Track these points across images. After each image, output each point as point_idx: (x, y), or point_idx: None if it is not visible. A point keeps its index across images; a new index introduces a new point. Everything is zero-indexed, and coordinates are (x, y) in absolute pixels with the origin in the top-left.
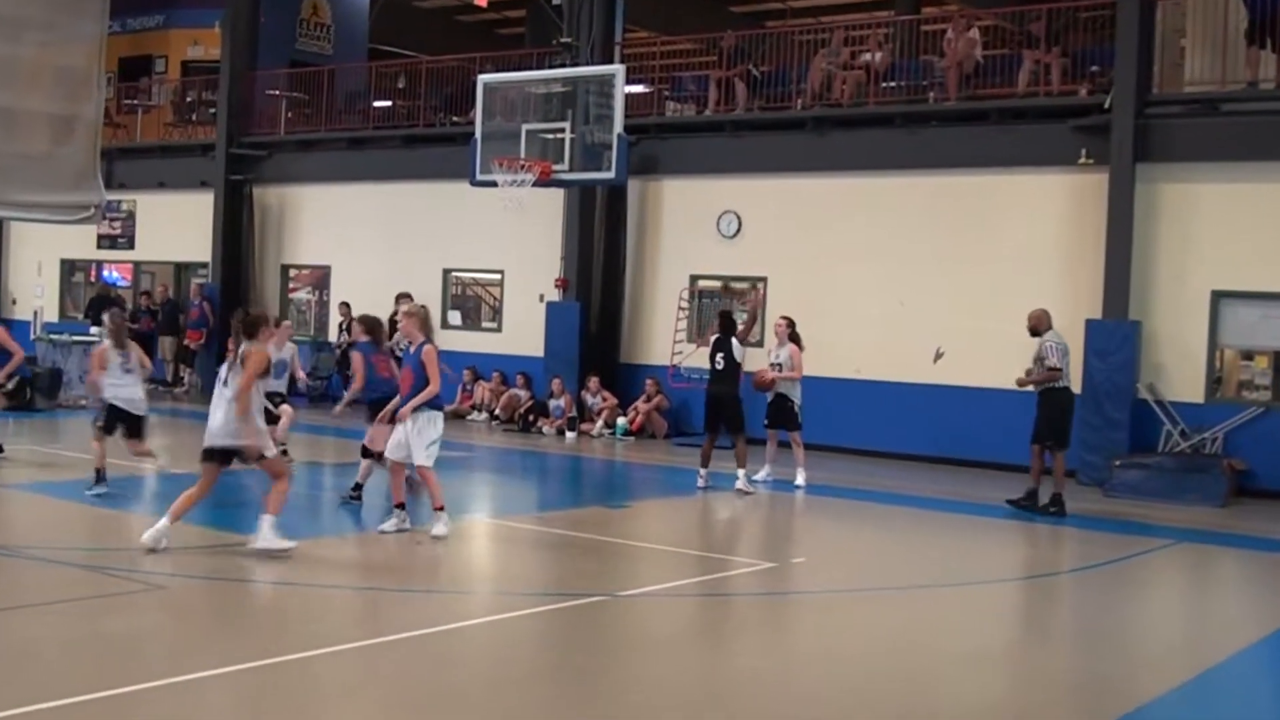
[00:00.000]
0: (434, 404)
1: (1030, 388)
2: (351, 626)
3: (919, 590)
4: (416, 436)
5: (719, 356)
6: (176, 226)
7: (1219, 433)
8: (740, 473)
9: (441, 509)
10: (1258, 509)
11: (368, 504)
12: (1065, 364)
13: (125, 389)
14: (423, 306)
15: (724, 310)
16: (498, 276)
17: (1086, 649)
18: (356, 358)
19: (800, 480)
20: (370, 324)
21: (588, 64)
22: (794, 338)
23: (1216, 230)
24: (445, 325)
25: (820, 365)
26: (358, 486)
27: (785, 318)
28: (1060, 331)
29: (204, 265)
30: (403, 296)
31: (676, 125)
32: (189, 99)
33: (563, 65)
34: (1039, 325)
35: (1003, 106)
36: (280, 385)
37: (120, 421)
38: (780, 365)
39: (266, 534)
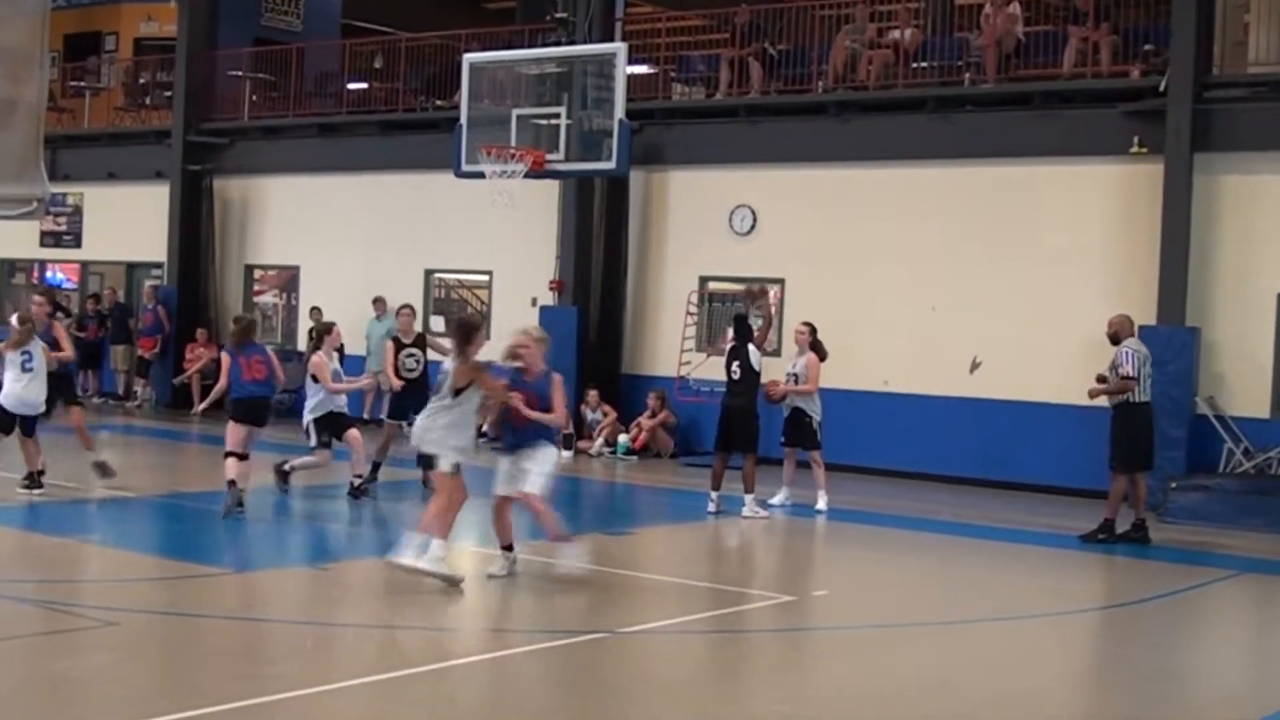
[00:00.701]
0: (551, 436)
1: (1103, 400)
2: (322, 667)
3: (953, 627)
4: (537, 466)
5: (735, 366)
6: (128, 222)
7: None
8: (747, 498)
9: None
10: None
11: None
12: (1143, 374)
13: (22, 389)
14: (547, 334)
15: (740, 314)
16: (485, 278)
17: (1136, 691)
18: (225, 359)
19: (821, 504)
20: (244, 326)
21: (585, 42)
22: (815, 346)
23: None
24: (427, 332)
25: (844, 377)
26: (232, 482)
27: (807, 324)
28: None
29: (158, 266)
30: (404, 309)
31: (684, 110)
32: (142, 80)
33: (557, 43)
34: (1120, 331)
35: (1046, 89)
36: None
37: (18, 421)
38: (796, 376)
39: (424, 551)
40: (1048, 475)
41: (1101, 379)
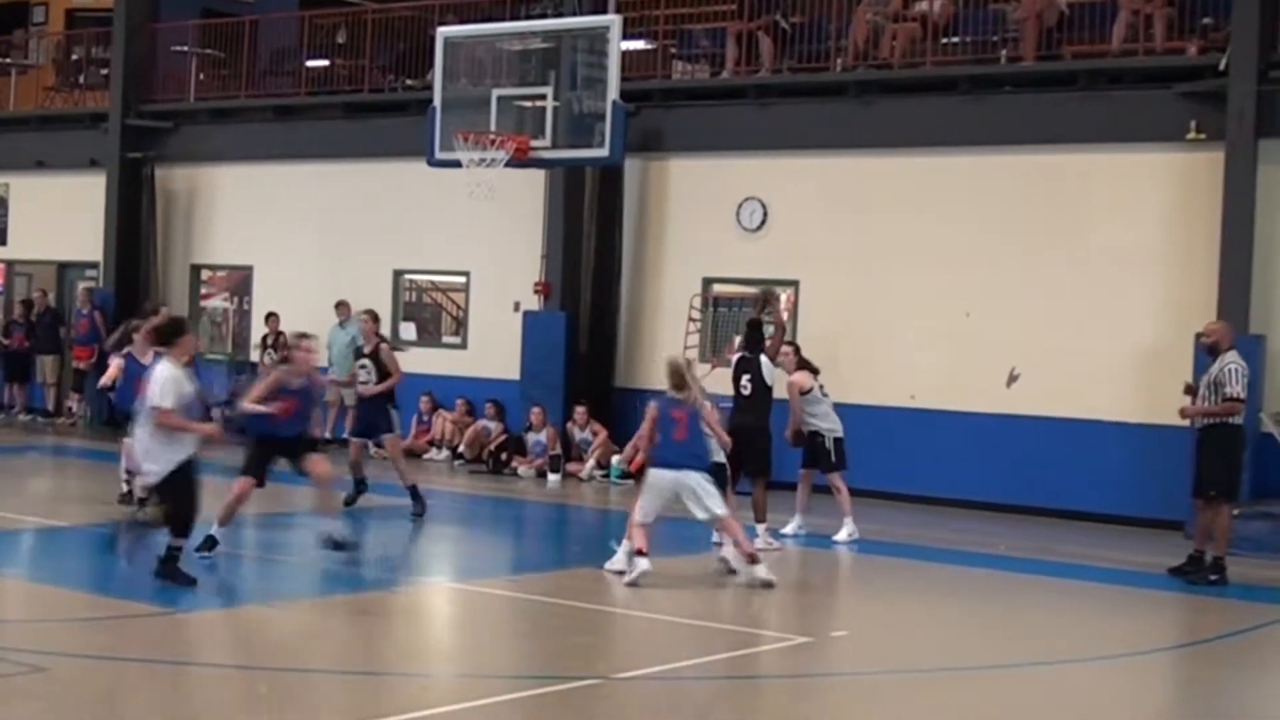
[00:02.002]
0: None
1: (1197, 421)
2: (278, 719)
3: (989, 671)
4: (703, 489)
5: (745, 379)
6: (59, 217)
7: None
8: (759, 528)
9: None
10: None
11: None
12: (1248, 395)
13: None
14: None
15: (752, 319)
16: (462, 280)
17: None
18: (117, 364)
19: (843, 534)
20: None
21: (575, 14)
22: (803, 365)
23: None
24: (396, 340)
25: (866, 391)
26: (128, 494)
27: (790, 343)
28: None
29: (93, 266)
30: (365, 314)
31: (686, 90)
32: (75, 57)
33: (543, 15)
34: (1220, 342)
35: (1093, 68)
36: None
37: None
38: None
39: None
40: (1095, 501)
41: (1190, 389)
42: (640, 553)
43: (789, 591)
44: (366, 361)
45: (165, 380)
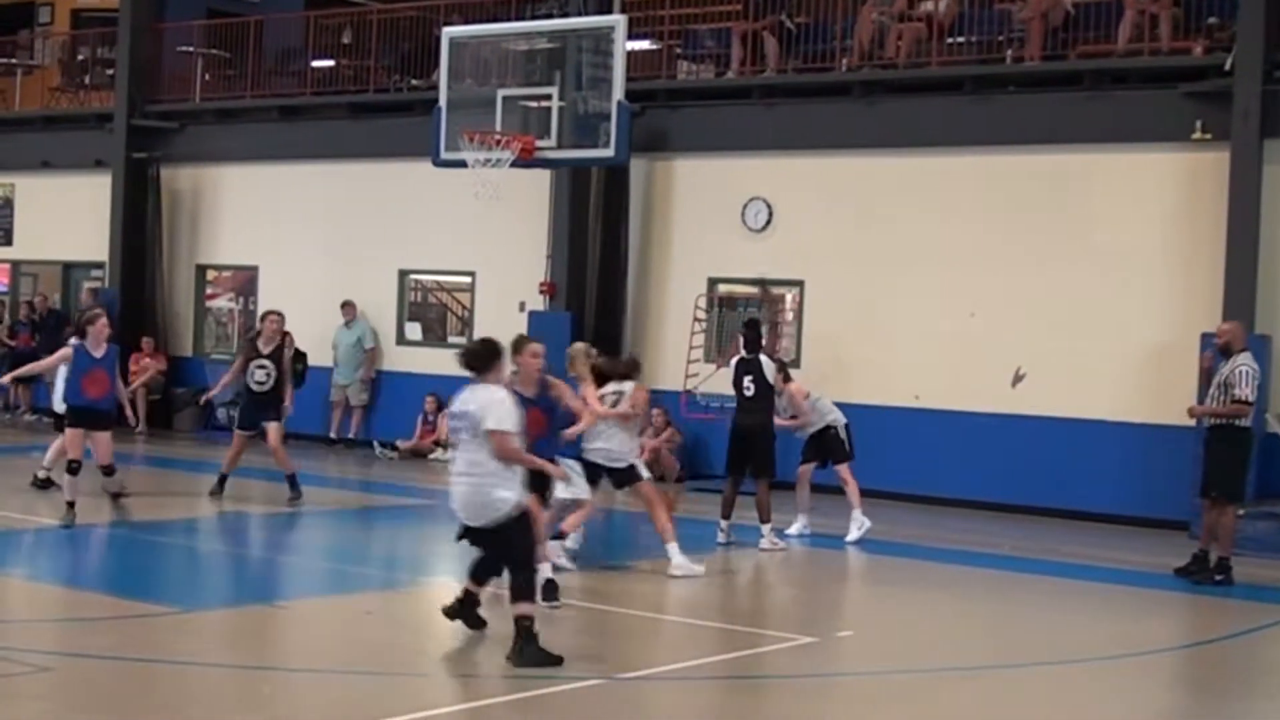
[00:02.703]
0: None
1: (1205, 421)
2: (283, 719)
3: (994, 671)
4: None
5: (747, 380)
6: (64, 218)
7: None
8: (764, 528)
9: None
10: None
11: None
12: (1257, 397)
13: None
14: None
15: (751, 319)
16: (468, 280)
17: None
18: (65, 354)
19: (856, 528)
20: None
21: (580, 14)
22: (782, 369)
23: None
24: (401, 341)
25: (871, 391)
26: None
27: (774, 358)
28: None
29: (99, 266)
30: (271, 315)
31: (691, 91)
32: (80, 57)
33: (549, 15)
34: (1233, 343)
35: (1098, 68)
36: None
37: None
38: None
39: (678, 560)
40: (1099, 502)
41: (1207, 368)
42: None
43: (794, 592)
44: (266, 362)
45: (502, 404)
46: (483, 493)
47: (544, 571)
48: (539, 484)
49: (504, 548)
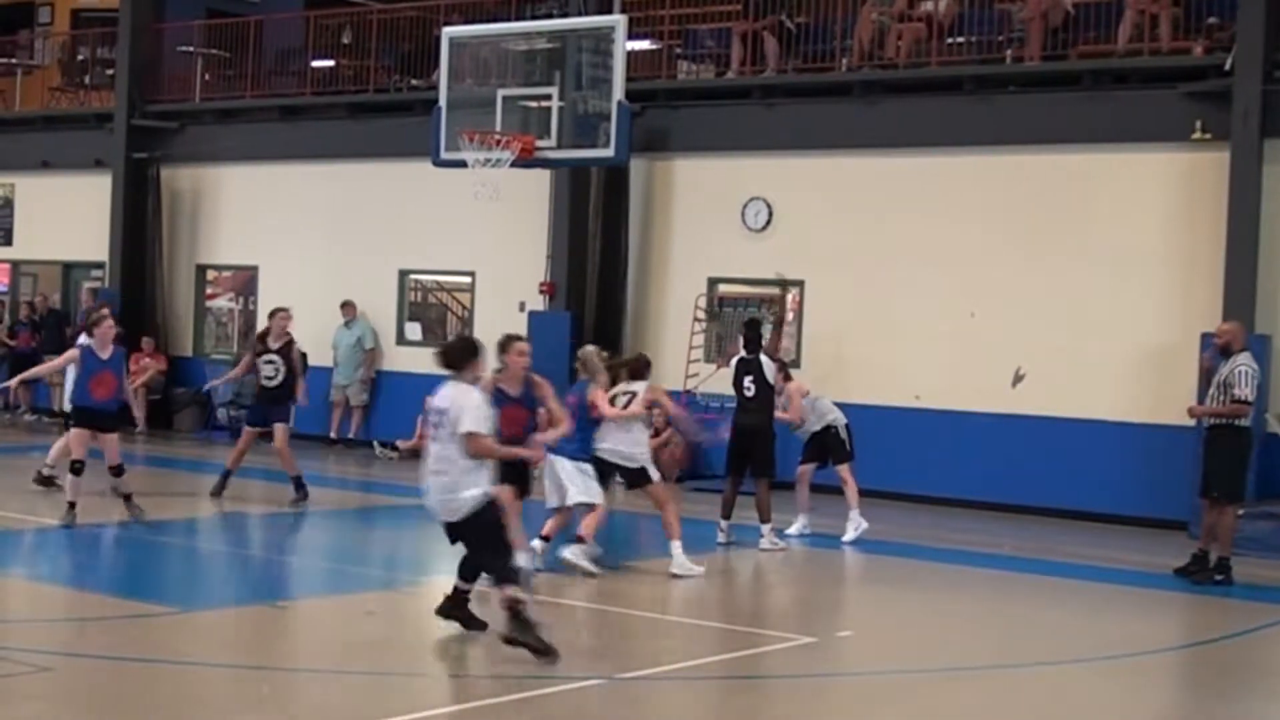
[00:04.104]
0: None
1: (1205, 420)
2: None
3: (994, 671)
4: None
5: (748, 380)
6: (64, 217)
7: None
8: (764, 528)
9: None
10: None
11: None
12: (1256, 398)
13: None
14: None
15: (752, 318)
16: (467, 280)
17: None
18: (73, 354)
19: (850, 534)
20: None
21: (580, 14)
22: (782, 368)
23: None
24: (401, 341)
25: (871, 391)
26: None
27: (775, 359)
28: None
29: (99, 266)
30: (280, 312)
31: (691, 91)
32: (80, 57)
33: (549, 15)
34: (1232, 343)
35: (1098, 68)
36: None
37: None
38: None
39: (679, 559)
40: (1099, 502)
41: (1208, 368)
42: (546, 538)
43: (794, 592)
44: (275, 358)
45: (478, 407)
46: (451, 490)
47: (518, 560)
48: (515, 476)
49: (476, 537)
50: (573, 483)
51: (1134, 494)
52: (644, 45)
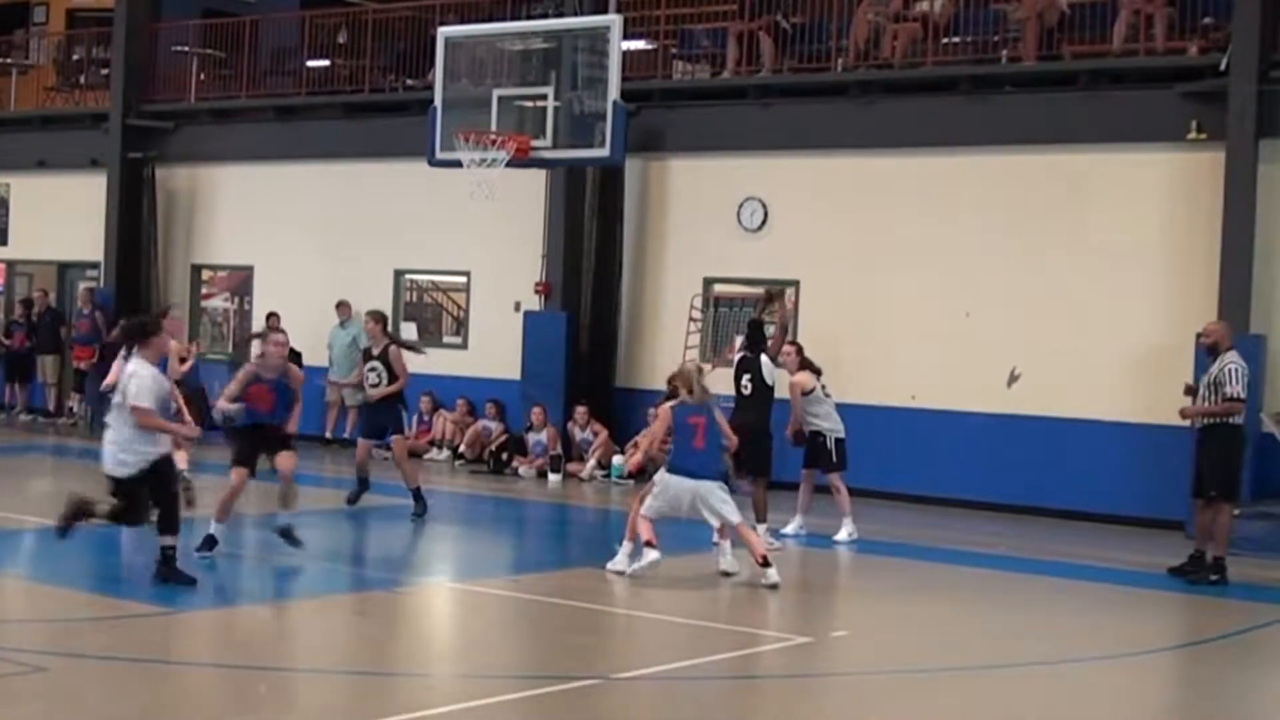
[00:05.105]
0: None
1: (1197, 421)
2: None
3: (989, 671)
4: (718, 498)
5: (745, 379)
6: (60, 217)
7: None
8: (760, 528)
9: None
10: None
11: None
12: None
13: None
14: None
15: (754, 320)
16: (463, 280)
17: None
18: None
19: (843, 534)
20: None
21: (575, 14)
22: (805, 365)
23: None
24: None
25: (866, 391)
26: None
27: (793, 343)
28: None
29: (94, 266)
30: (370, 316)
31: (687, 91)
32: (76, 57)
33: (544, 15)
34: (1220, 342)
35: (1094, 68)
36: None
37: None
38: None
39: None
40: (1095, 501)
41: (1190, 390)
42: (650, 544)
43: (789, 591)
44: (376, 364)
45: (142, 379)
46: (115, 454)
47: (210, 528)
48: (245, 458)
49: (154, 488)
50: (726, 504)
51: (1130, 494)
52: (639, 45)
